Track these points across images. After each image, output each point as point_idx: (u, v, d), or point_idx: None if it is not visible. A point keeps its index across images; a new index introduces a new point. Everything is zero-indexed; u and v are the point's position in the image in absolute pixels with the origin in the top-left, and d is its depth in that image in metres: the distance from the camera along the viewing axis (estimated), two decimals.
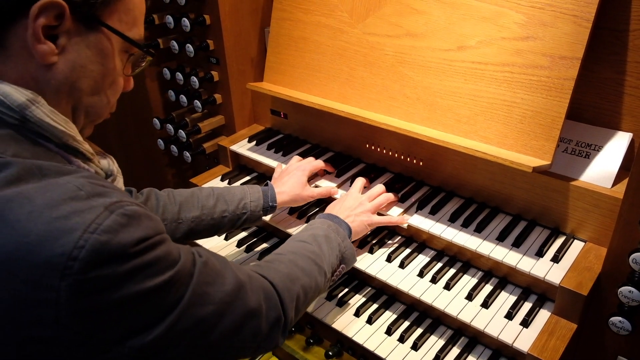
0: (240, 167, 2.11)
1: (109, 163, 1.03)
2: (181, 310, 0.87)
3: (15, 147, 0.83)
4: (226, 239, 1.86)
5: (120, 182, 1.05)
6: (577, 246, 1.45)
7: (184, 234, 1.48)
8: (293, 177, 1.69)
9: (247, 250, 1.81)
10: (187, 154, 2.15)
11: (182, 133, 2.11)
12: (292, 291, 1.15)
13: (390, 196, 1.62)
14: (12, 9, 0.81)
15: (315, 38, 1.79)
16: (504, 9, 1.40)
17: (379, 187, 1.64)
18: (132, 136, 2.47)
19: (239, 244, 1.83)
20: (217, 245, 1.83)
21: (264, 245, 1.85)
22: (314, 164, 1.76)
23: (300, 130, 2.04)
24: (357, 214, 1.52)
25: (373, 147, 1.82)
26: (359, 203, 1.56)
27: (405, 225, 1.59)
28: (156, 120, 2.18)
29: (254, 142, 2.05)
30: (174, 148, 2.20)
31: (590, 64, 1.40)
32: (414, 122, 1.60)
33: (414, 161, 1.73)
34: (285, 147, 1.98)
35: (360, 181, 1.66)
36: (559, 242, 1.47)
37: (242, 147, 2.04)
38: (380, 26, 1.63)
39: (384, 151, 1.79)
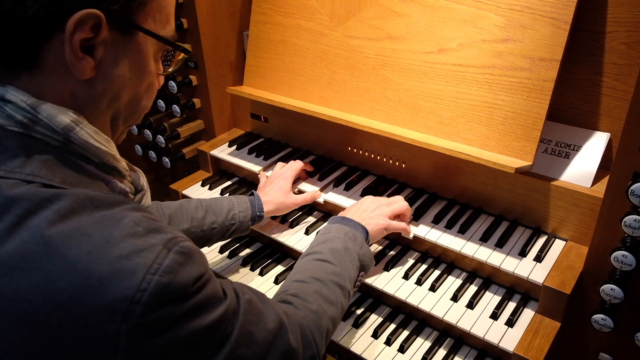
0: (221, 172, 2.09)
1: (139, 177, 0.99)
2: (229, 350, 0.84)
3: (60, 172, 0.79)
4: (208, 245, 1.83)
5: (148, 197, 1.00)
6: (558, 245, 1.47)
7: None
8: (275, 185, 1.69)
9: (230, 256, 1.79)
10: (167, 159, 2.11)
11: (160, 138, 2.08)
12: (322, 327, 1.12)
13: (408, 207, 1.55)
14: (47, 26, 0.76)
15: (295, 41, 1.78)
16: (484, 12, 1.41)
17: (398, 197, 1.58)
18: None
19: (222, 250, 1.80)
20: None
21: (247, 250, 1.83)
22: (294, 167, 1.75)
23: (281, 134, 2.03)
24: (374, 217, 1.47)
25: (355, 150, 1.82)
26: (377, 206, 1.50)
27: (411, 236, 1.55)
28: (133, 126, 2.14)
29: (235, 147, 2.03)
30: (152, 154, 2.16)
31: (568, 65, 1.42)
32: (396, 125, 1.60)
33: (397, 163, 1.73)
34: (266, 151, 1.97)
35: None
36: (540, 241, 1.49)
37: (223, 152, 2.02)
38: (361, 29, 1.63)
39: (366, 154, 1.79)
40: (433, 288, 1.48)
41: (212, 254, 1.80)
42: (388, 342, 1.45)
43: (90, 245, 0.71)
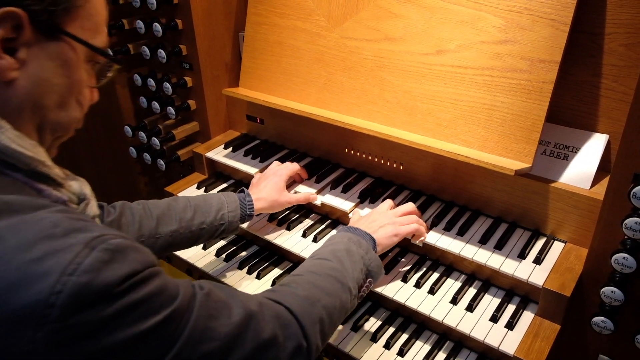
0: (217, 174, 2.07)
1: (81, 186, 0.95)
2: (179, 350, 0.79)
3: None
4: (204, 248, 1.82)
5: (94, 206, 0.97)
6: (557, 247, 1.47)
7: (162, 248, 1.43)
8: (270, 182, 1.66)
9: (227, 259, 1.77)
10: (161, 161, 2.09)
11: (155, 140, 2.06)
12: (313, 315, 1.06)
13: (419, 217, 1.53)
14: None
15: (291, 42, 1.77)
16: (483, 13, 1.41)
17: (410, 205, 1.54)
18: (103, 144, 2.39)
19: (218, 253, 1.79)
20: (195, 254, 1.78)
21: (243, 253, 1.81)
22: (290, 167, 1.73)
23: (277, 136, 2.01)
24: (383, 225, 1.44)
25: (352, 152, 1.81)
26: (386, 216, 1.47)
27: (418, 242, 1.52)
28: (128, 128, 2.12)
29: (230, 149, 2.01)
30: (147, 156, 2.14)
31: (567, 67, 1.42)
32: (394, 127, 1.59)
33: (394, 165, 1.72)
34: (262, 153, 1.95)
35: (388, 202, 1.56)
36: (540, 243, 1.48)
37: (218, 154, 2.00)
38: (359, 30, 1.62)
39: (364, 155, 1.78)
40: (432, 291, 1.47)
41: (208, 257, 1.78)
42: (387, 346, 1.44)
43: (2, 250, 0.68)
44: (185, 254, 1.78)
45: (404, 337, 1.48)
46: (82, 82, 0.88)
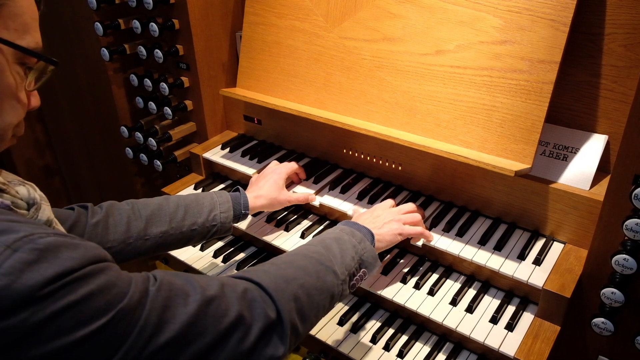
0: (214, 174, 2.06)
1: (29, 191, 0.91)
2: (129, 347, 0.75)
3: None
4: (202, 249, 1.81)
5: (46, 210, 0.93)
6: (557, 248, 1.46)
7: (152, 249, 1.40)
8: (269, 180, 1.65)
9: (225, 260, 1.76)
10: (158, 162, 2.08)
11: (152, 141, 2.04)
12: (287, 291, 0.99)
13: (420, 218, 1.50)
14: None
15: (289, 42, 1.76)
16: (482, 13, 1.40)
17: (411, 206, 1.52)
18: (98, 145, 2.38)
19: (216, 255, 1.78)
20: (192, 256, 1.77)
21: (241, 254, 1.80)
22: (289, 166, 1.72)
23: (275, 136, 2.00)
24: (387, 222, 1.40)
25: (350, 152, 1.80)
26: (389, 212, 1.44)
27: (419, 243, 1.51)
28: (124, 129, 2.10)
29: (228, 149, 2.00)
30: (143, 157, 2.12)
31: (566, 67, 1.42)
32: (393, 127, 1.58)
33: (393, 166, 1.71)
34: (260, 153, 1.94)
35: (389, 201, 1.54)
36: (539, 244, 1.48)
37: (216, 155, 1.99)
38: (357, 30, 1.61)
39: (362, 156, 1.77)
40: (432, 292, 1.46)
41: (205, 258, 1.77)
42: (387, 348, 1.43)
43: None
44: (183, 255, 1.77)
45: (404, 338, 1.48)
46: (13, 86, 0.83)
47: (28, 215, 0.87)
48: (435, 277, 1.53)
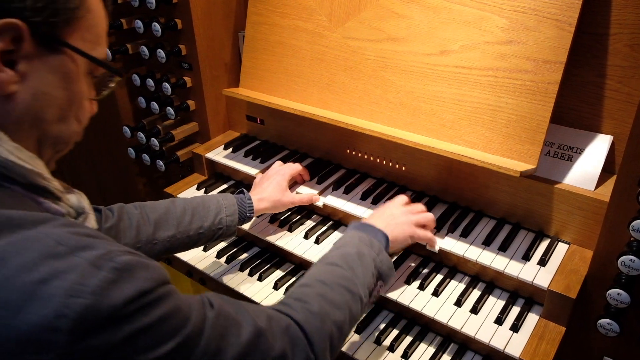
0: (217, 175, 2.05)
1: (79, 200, 0.92)
2: None
3: None
4: (205, 250, 1.80)
5: (92, 219, 0.94)
6: (561, 249, 1.46)
7: (160, 253, 1.40)
8: (273, 182, 1.64)
9: (228, 261, 1.75)
10: (161, 162, 2.07)
11: (154, 141, 2.04)
12: (323, 331, 1.02)
13: (433, 217, 1.48)
14: None
15: (293, 42, 1.75)
16: (487, 13, 1.40)
17: (421, 205, 1.50)
18: (101, 145, 2.37)
19: (219, 255, 1.77)
20: (196, 256, 1.77)
21: (245, 255, 1.80)
22: (293, 167, 1.72)
23: (277, 136, 2.00)
24: (399, 223, 1.38)
25: (354, 153, 1.79)
26: (401, 212, 1.42)
27: (436, 249, 1.50)
28: (126, 129, 2.10)
29: (230, 149, 2.00)
30: (145, 157, 2.12)
31: (571, 68, 1.41)
32: (397, 127, 1.58)
33: (396, 166, 1.71)
34: (262, 153, 1.94)
35: (403, 197, 1.50)
36: (543, 245, 1.47)
37: (218, 155, 1.98)
38: (361, 30, 1.60)
39: (365, 156, 1.77)
40: (436, 293, 1.46)
41: (209, 258, 1.76)
42: (391, 349, 1.43)
43: (5, 271, 0.64)
44: (186, 255, 1.76)
45: (408, 339, 1.47)
46: (82, 94, 0.87)
47: None
48: (439, 277, 1.52)
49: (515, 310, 1.41)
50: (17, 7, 0.73)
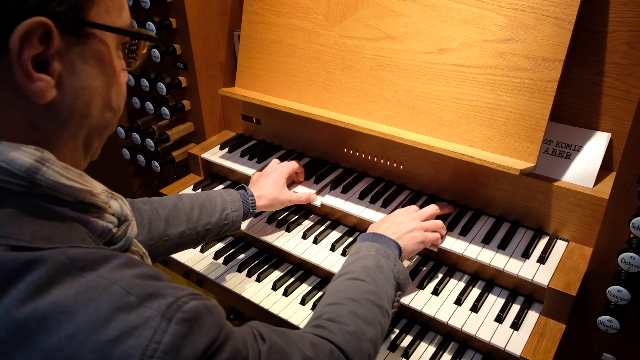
0: (213, 175, 2.04)
1: (121, 206, 0.85)
2: None
3: (29, 225, 0.65)
4: (202, 250, 1.79)
5: (134, 226, 0.88)
6: (560, 246, 1.46)
7: (170, 249, 1.39)
8: (270, 180, 1.63)
9: (225, 262, 1.74)
10: (156, 163, 2.05)
11: (149, 142, 2.02)
12: (362, 351, 1.02)
13: (442, 224, 1.49)
14: None
15: (289, 41, 1.74)
16: (485, 11, 1.39)
17: (432, 208, 1.51)
18: None
19: (216, 256, 1.76)
20: (193, 257, 1.75)
21: (242, 255, 1.79)
22: (290, 165, 1.71)
23: (274, 136, 1.99)
24: (409, 231, 1.38)
25: (351, 152, 1.79)
26: (411, 219, 1.42)
27: (435, 248, 1.51)
28: (120, 129, 2.08)
29: (227, 149, 1.98)
30: (140, 157, 2.10)
31: (569, 65, 1.41)
32: (395, 126, 1.57)
33: (394, 165, 1.70)
34: (259, 153, 1.92)
35: (413, 207, 1.52)
36: (543, 242, 1.48)
37: (214, 155, 1.97)
38: (358, 29, 1.60)
39: (363, 155, 1.76)
40: (436, 292, 1.46)
41: (206, 259, 1.75)
42: (392, 348, 1.43)
43: (73, 328, 0.59)
44: (183, 257, 1.75)
45: (408, 338, 1.47)
46: (118, 72, 0.77)
47: (119, 233, 0.82)
48: (439, 276, 1.52)
49: (515, 308, 1.41)
50: (34, 2, 0.62)
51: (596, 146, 1.44)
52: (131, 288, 0.63)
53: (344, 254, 1.60)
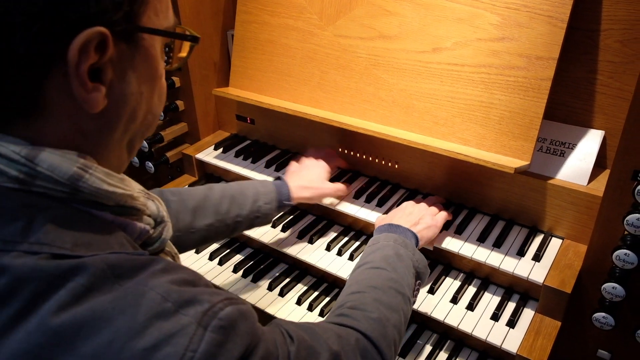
0: (207, 175, 2.03)
1: (158, 207, 0.83)
2: None
3: (71, 233, 0.64)
4: (197, 252, 1.78)
5: (169, 228, 0.86)
6: (555, 244, 1.47)
7: (197, 242, 1.36)
8: (314, 171, 1.60)
9: (220, 263, 1.74)
10: (150, 164, 2.05)
11: (143, 142, 2.00)
12: (387, 337, 1.02)
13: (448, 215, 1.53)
14: (44, 61, 0.61)
15: (283, 41, 1.74)
16: (479, 10, 1.40)
17: (434, 197, 1.56)
18: None
19: (211, 257, 1.75)
20: (186, 259, 1.75)
21: (238, 256, 1.78)
22: (335, 163, 1.72)
23: (268, 136, 1.98)
24: (421, 218, 1.40)
25: (346, 151, 1.79)
26: (419, 208, 1.44)
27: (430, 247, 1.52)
28: None
29: (221, 149, 1.98)
30: (134, 158, 2.09)
31: (563, 64, 1.42)
32: (390, 125, 1.57)
33: (389, 164, 1.71)
34: (253, 153, 1.92)
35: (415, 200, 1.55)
36: (537, 240, 1.48)
37: (209, 155, 1.96)
38: (352, 28, 1.59)
39: (358, 155, 1.76)
40: (432, 290, 1.46)
41: (201, 261, 1.74)
42: None
43: (111, 335, 0.58)
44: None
45: (405, 338, 1.47)
46: (162, 74, 0.76)
47: (155, 234, 0.81)
48: (434, 275, 1.52)
49: (511, 306, 1.42)
50: (93, 11, 0.61)
51: (590, 144, 1.44)
52: (168, 295, 0.63)
53: (339, 253, 1.60)
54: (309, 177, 1.57)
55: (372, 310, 1.05)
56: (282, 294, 1.60)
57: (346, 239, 1.67)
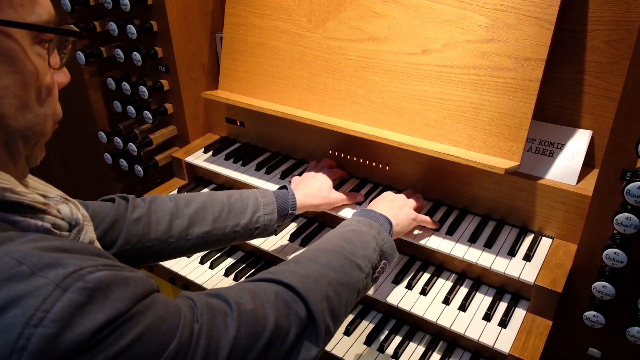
0: (197, 178, 2.02)
1: (72, 210, 0.81)
2: None
3: None
4: (188, 256, 1.76)
5: (89, 231, 0.84)
6: (545, 243, 1.48)
7: (191, 248, 1.33)
8: (319, 179, 1.60)
9: (211, 266, 1.72)
10: (139, 167, 2.03)
11: (132, 146, 1.99)
12: (317, 291, 0.94)
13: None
14: None
15: (272, 43, 1.73)
16: (467, 12, 1.40)
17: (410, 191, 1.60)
18: (75, 151, 2.31)
19: (202, 261, 1.74)
20: (176, 263, 1.73)
21: (229, 259, 1.77)
22: (336, 174, 1.71)
23: (258, 139, 1.98)
24: (401, 206, 1.41)
25: (337, 153, 1.78)
26: (399, 198, 1.46)
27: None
28: (102, 134, 2.05)
29: (210, 153, 1.97)
30: (123, 162, 2.07)
31: (551, 65, 1.43)
32: (380, 127, 1.57)
33: (380, 166, 1.71)
34: (243, 156, 1.91)
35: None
36: (528, 240, 1.49)
37: (199, 158, 1.95)
38: (341, 30, 1.59)
39: (348, 157, 1.76)
40: (424, 292, 1.46)
41: (192, 264, 1.73)
42: (381, 349, 1.43)
43: None
44: (168, 262, 1.73)
45: (398, 339, 1.47)
46: (36, 71, 0.73)
47: (69, 238, 0.79)
48: (426, 276, 1.53)
49: (502, 306, 1.43)
50: None
51: (578, 144, 1.45)
52: (24, 258, 0.60)
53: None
54: (316, 186, 1.57)
55: (301, 267, 0.99)
56: None
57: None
